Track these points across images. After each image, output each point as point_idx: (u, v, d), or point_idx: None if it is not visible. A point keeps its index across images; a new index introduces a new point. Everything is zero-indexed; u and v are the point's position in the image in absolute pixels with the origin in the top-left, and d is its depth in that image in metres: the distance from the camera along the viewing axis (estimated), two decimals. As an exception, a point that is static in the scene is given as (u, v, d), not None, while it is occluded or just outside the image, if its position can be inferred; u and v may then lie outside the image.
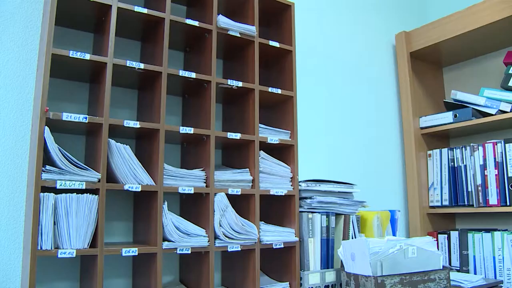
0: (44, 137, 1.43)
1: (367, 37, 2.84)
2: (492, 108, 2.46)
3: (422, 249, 1.76)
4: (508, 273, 2.34)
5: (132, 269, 1.79)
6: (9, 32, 1.68)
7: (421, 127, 2.79)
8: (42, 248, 1.40)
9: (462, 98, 2.60)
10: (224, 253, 1.96)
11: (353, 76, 2.71)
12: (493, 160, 2.44)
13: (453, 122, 2.62)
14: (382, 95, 2.84)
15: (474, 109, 2.54)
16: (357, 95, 2.70)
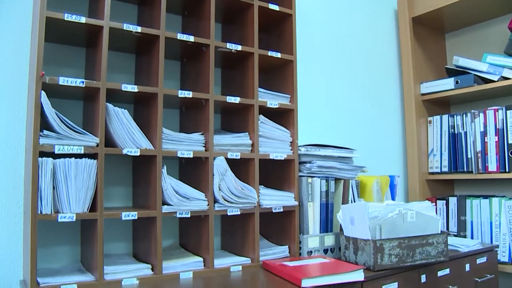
0: (40, 102, 1.41)
1: (369, 2, 2.79)
2: (494, 75, 2.44)
3: (421, 213, 1.77)
4: (504, 238, 2.37)
5: (132, 233, 1.80)
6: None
7: (422, 93, 2.77)
8: (42, 213, 1.40)
9: (464, 64, 2.57)
10: (224, 217, 1.97)
11: (354, 41, 2.67)
12: (493, 127, 2.43)
13: (454, 89, 2.60)
14: (383, 61, 2.81)
15: (476, 76, 2.51)
16: (358, 60, 2.67)
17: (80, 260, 1.71)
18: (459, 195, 2.58)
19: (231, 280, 1.60)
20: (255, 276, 1.65)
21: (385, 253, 1.67)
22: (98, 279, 1.47)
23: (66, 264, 1.67)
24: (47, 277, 1.46)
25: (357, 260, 1.75)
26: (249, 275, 1.67)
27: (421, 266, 1.82)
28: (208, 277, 1.63)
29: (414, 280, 1.81)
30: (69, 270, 1.59)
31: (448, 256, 1.81)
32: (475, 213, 2.51)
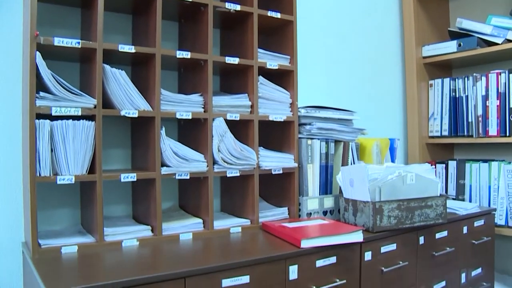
0: (36, 63, 1.38)
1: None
2: (498, 37, 2.40)
3: (420, 176, 1.77)
4: (502, 201, 2.38)
5: (131, 195, 1.80)
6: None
7: (423, 56, 2.73)
8: (41, 175, 1.40)
9: (467, 27, 2.53)
10: (223, 179, 1.98)
11: (355, 2, 2.61)
12: (495, 91, 2.41)
13: (457, 52, 2.57)
14: (385, 22, 2.75)
15: (479, 38, 2.47)
16: (359, 21, 2.62)
17: (80, 222, 1.72)
18: (459, 159, 2.58)
19: (230, 241, 1.61)
20: (255, 237, 1.67)
21: (384, 215, 1.68)
22: (98, 240, 1.48)
23: (66, 226, 1.69)
24: (48, 239, 1.47)
25: (356, 222, 1.76)
26: (248, 236, 1.68)
27: (420, 228, 1.83)
28: (207, 238, 1.64)
29: (412, 241, 1.82)
30: (70, 232, 1.60)
31: (446, 218, 1.82)
32: (474, 177, 2.52)
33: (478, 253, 2.16)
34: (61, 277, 1.20)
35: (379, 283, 1.71)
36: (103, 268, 1.31)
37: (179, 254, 1.45)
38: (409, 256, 1.81)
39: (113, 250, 1.46)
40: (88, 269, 1.28)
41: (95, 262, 1.35)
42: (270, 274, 1.42)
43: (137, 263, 1.34)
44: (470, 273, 2.13)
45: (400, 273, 1.79)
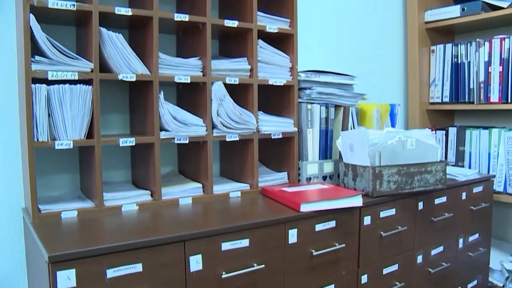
0: (30, 26, 1.35)
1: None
2: (504, 1, 2.34)
3: (420, 141, 1.76)
4: (501, 168, 2.38)
5: (130, 160, 1.80)
6: None
7: (426, 21, 2.68)
8: (39, 140, 1.38)
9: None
10: (222, 144, 1.97)
11: (357, -35, 2.55)
12: (498, 57, 2.37)
13: (460, 16, 2.52)
14: (387, -13, 2.70)
15: (483, 2, 2.42)
16: (360, -14, 2.57)
17: (79, 187, 1.71)
18: (459, 126, 2.56)
19: (230, 205, 1.61)
20: (254, 202, 1.67)
21: (384, 180, 1.68)
22: (98, 205, 1.48)
23: (66, 192, 1.69)
24: (48, 204, 1.48)
25: (355, 187, 1.76)
26: (248, 200, 1.69)
27: (419, 194, 1.84)
28: (207, 203, 1.64)
29: (411, 207, 1.83)
30: (69, 197, 1.60)
31: (446, 184, 1.82)
32: (474, 144, 2.51)
33: (476, 219, 2.17)
34: (61, 241, 1.20)
35: (378, 247, 1.73)
36: (103, 232, 1.31)
37: (178, 218, 1.45)
38: (408, 221, 1.82)
39: (112, 215, 1.47)
40: (88, 233, 1.28)
41: (95, 226, 1.35)
42: (270, 238, 1.42)
43: (136, 227, 1.34)
44: (467, 239, 2.15)
45: (398, 237, 1.80)
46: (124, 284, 1.17)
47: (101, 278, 1.14)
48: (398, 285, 1.81)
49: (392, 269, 1.79)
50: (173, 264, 1.25)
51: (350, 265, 1.65)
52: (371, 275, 1.72)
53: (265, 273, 1.43)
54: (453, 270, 2.09)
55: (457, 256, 2.10)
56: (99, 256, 1.14)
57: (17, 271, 1.62)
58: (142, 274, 1.20)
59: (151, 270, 1.21)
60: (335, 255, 1.60)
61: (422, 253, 1.91)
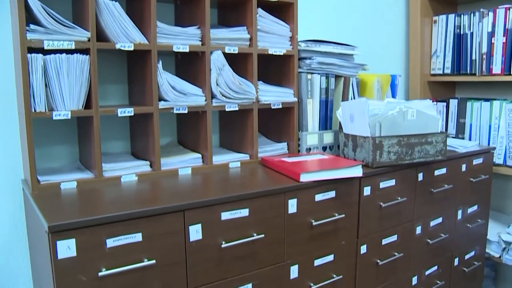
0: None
1: None
2: (508, -31, 2.30)
3: (421, 112, 1.75)
4: (501, 141, 2.37)
5: (129, 131, 1.79)
6: None
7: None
8: (36, 110, 1.37)
9: (475, -42, 2.42)
10: (222, 114, 1.95)
11: None
12: (502, 27, 2.33)
13: (463, -15, 2.48)
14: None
15: (487, -29, 2.38)
16: (362, -46, 2.51)
17: (79, 159, 1.71)
18: (460, 98, 2.54)
19: (229, 176, 1.60)
20: (254, 172, 1.66)
21: (384, 150, 1.67)
22: (97, 176, 1.48)
23: (65, 163, 1.68)
24: (47, 175, 1.47)
25: (355, 157, 1.75)
26: (247, 170, 1.68)
27: (419, 165, 1.83)
28: (206, 173, 1.64)
29: (411, 178, 1.83)
30: (69, 168, 1.60)
31: (446, 155, 1.81)
32: (475, 116, 2.50)
33: (475, 191, 2.18)
34: (61, 211, 1.20)
35: (377, 218, 1.73)
36: (102, 202, 1.31)
37: (178, 188, 1.45)
38: (407, 192, 1.82)
39: (112, 185, 1.46)
40: (88, 203, 1.28)
41: (94, 196, 1.35)
42: (270, 208, 1.43)
43: (136, 197, 1.34)
44: (466, 210, 2.16)
45: (398, 208, 1.81)
46: (124, 253, 1.18)
47: (101, 247, 1.14)
48: (396, 256, 1.82)
49: (391, 240, 1.80)
50: (172, 233, 1.25)
51: (349, 235, 1.66)
52: (370, 246, 1.73)
53: (265, 243, 1.43)
54: (451, 241, 2.11)
55: (455, 228, 2.11)
56: (98, 226, 1.14)
57: (18, 243, 1.63)
58: (142, 243, 1.20)
59: (151, 239, 1.21)
60: (335, 225, 1.60)
61: (421, 224, 1.92)
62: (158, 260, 1.23)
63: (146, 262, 1.20)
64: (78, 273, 1.12)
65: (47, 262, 1.14)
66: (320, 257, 1.59)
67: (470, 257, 2.25)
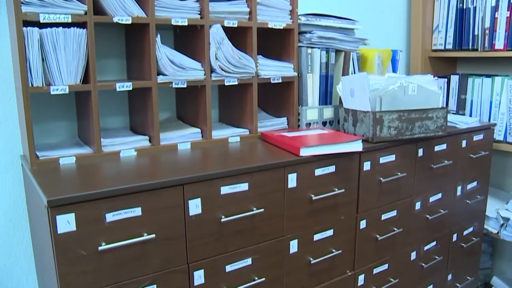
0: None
1: None
2: None
3: (422, 87, 1.73)
4: (502, 117, 2.36)
5: (128, 106, 1.77)
6: None
7: (431, -36, 2.59)
8: (33, 85, 1.35)
9: None
10: (221, 89, 1.93)
11: None
12: (507, 1, 2.28)
13: (467, -42, 2.43)
14: None
15: None
16: None
17: (77, 134, 1.70)
18: (461, 74, 2.52)
19: (229, 150, 1.60)
20: (254, 146, 1.66)
21: (384, 125, 1.66)
22: (96, 151, 1.47)
23: (64, 139, 1.67)
24: (46, 151, 1.46)
25: (355, 132, 1.74)
26: (247, 145, 1.68)
27: (419, 140, 1.83)
28: (206, 148, 1.63)
29: (411, 153, 1.83)
30: (67, 144, 1.59)
31: (446, 131, 1.80)
32: (476, 92, 2.48)
33: (475, 167, 2.18)
34: (60, 186, 1.20)
35: (377, 193, 1.74)
36: (101, 177, 1.30)
37: (177, 162, 1.44)
38: (407, 167, 1.82)
39: (111, 160, 1.46)
40: (87, 178, 1.28)
41: (93, 171, 1.34)
42: (269, 182, 1.42)
43: (135, 172, 1.33)
44: (465, 186, 2.16)
45: (398, 184, 1.81)
46: (124, 227, 1.18)
47: (101, 222, 1.15)
48: (396, 231, 1.83)
49: (390, 215, 1.81)
50: (172, 207, 1.25)
51: (349, 210, 1.66)
52: (369, 221, 1.74)
53: (264, 217, 1.43)
54: (450, 217, 2.12)
55: (454, 203, 2.12)
56: (98, 200, 1.14)
57: (19, 219, 1.63)
58: (142, 217, 1.20)
59: (151, 214, 1.22)
60: (334, 200, 1.61)
61: (420, 200, 1.93)
62: (157, 234, 1.23)
63: (145, 236, 1.20)
64: (78, 247, 1.12)
65: (47, 237, 1.14)
66: (320, 232, 1.59)
67: (468, 233, 2.27)
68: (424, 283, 2.08)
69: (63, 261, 1.11)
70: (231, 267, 1.40)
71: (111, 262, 1.17)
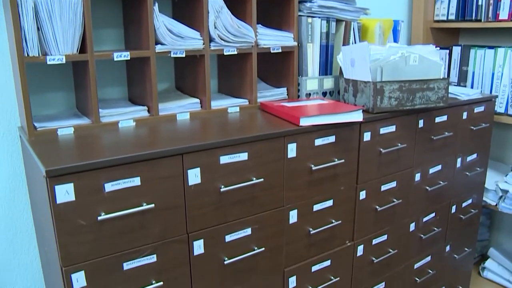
0: None
1: None
2: None
3: (424, 57, 1.71)
4: (504, 89, 2.34)
5: (126, 77, 1.75)
6: None
7: None
8: (29, 55, 1.32)
9: None
10: (220, 59, 1.91)
11: None
12: (513, -30, 2.25)
13: None
14: None
15: None
16: None
17: (75, 105, 1.68)
18: (464, 45, 2.49)
19: (228, 120, 1.58)
20: (253, 116, 1.64)
21: (385, 96, 1.65)
22: (95, 121, 1.46)
23: (62, 110, 1.66)
24: (43, 122, 1.45)
25: (356, 103, 1.73)
26: (247, 115, 1.66)
27: (420, 111, 1.81)
28: (205, 118, 1.62)
29: (412, 124, 1.81)
30: (65, 115, 1.57)
31: (447, 102, 1.78)
32: (478, 64, 2.46)
33: (475, 139, 2.17)
34: (58, 156, 1.19)
35: (377, 164, 1.73)
36: (100, 147, 1.29)
37: (176, 132, 1.43)
38: (407, 138, 1.81)
39: (110, 131, 1.45)
40: (85, 148, 1.27)
41: (92, 142, 1.33)
42: (269, 152, 1.42)
43: (134, 142, 1.32)
44: (465, 158, 2.16)
45: (398, 155, 1.80)
46: (123, 197, 1.18)
47: (100, 191, 1.14)
48: (395, 202, 1.84)
49: (390, 186, 1.81)
50: (171, 177, 1.24)
51: (348, 181, 1.66)
52: (369, 191, 1.74)
53: (264, 187, 1.43)
54: (450, 188, 2.12)
55: (454, 175, 2.12)
56: (97, 170, 1.13)
57: (18, 191, 1.63)
58: (141, 187, 1.20)
59: (150, 183, 1.21)
60: (334, 171, 1.60)
61: (420, 171, 1.92)
62: (157, 204, 1.23)
63: (145, 206, 1.20)
64: (78, 217, 1.12)
65: (46, 207, 1.14)
66: (319, 202, 1.59)
67: (467, 204, 2.27)
68: (423, 254, 2.10)
69: (63, 231, 1.11)
70: (231, 237, 1.40)
71: (110, 232, 1.18)
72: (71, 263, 1.14)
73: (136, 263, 1.24)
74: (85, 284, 1.16)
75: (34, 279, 1.71)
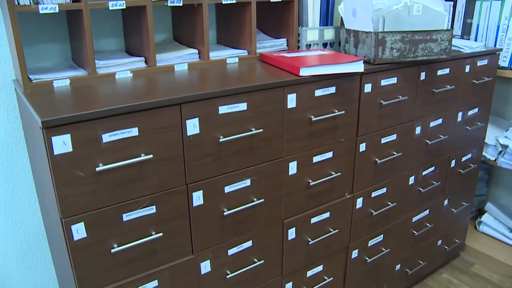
0: None
1: None
2: None
3: (427, 7, 1.66)
4: (509, 43, 2.30)
5: (123, 28, 1.71)
6: None
7: None
8: (20, 3, 1.28)
9: None
10: (219, 9, 1.85)
11: None
12: None
13: None
14: None
15: None
16: None
17: (71, 57, 1.65)
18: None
19: (227, 71, 1.56)
20: (252, 67, 1.61)
21: (387, 47, 1.61)
22: (91, 73, 1.43)
23: (57, 62, 1.62)
24: (39, 74, 1.42)
25: (357, 54, 1.70)
26: (246, 66, 1.63)
27: (422, 63, 1.78)
28: (203, 69, 1.59)
29: (413, 76, 1.79)
30: (61, 67, 1.54)
31: (450, 54, 1.75)
32: (483, 16, 2.39)
33: (477, 93, 2.14)
34: (54, 107, 1.17)
35: (377, 116, 1.72)
36: (97, 98, 1.27)
37: (174, 83, 1.40)
38: (409, 91, 1.79)
39: (106, 82, 1.42)
40: (82, 99, 1.24)
41: (88, 93, 1.31)
42: (268, 102, 1.40)
43: (132, 93, 1.30)
44: (466, 113, 2.14)
45: (398, 107, 1.78)
46: (121, 148, 1.16)
47: (97, 142, 1.13)
48: (395, 155, 1.83)
49: (390, 139, 1.80)
50: (169, 127, 1.23)
51: (348, 132, 1.65)
52: (369, 144, 1.73)
53: (263, 138, 1.42)
54: (450, 142, 2.11)
55: (454, 129, 2.11)
56: (94, 120, 1.11)
57: (16, 144, 1.62)
58: (138, 138, 1.19)
59: (148, 134, 1.20)
60: (334, 122, 1.59)
61: (420, 124, 1.91)
62: (155, 155, 1.22)
63: (143, 157, 1.19)
64: (76, 168, 1.11)
65: (44, 159, 1.13)
66: (319, 154, 1.59)
67: (467, 159, 2.27)
68: (421, 208, 2.11)
69: (61, 183, 1.10)
70: (230, 188, 1.40)
71: (109, 183, 1.17)
72: (71, 215, 1.14)
73: (135, 214, 1.24)
74: (85, 235, 1.17)
75: (36, 232, 1.72)
